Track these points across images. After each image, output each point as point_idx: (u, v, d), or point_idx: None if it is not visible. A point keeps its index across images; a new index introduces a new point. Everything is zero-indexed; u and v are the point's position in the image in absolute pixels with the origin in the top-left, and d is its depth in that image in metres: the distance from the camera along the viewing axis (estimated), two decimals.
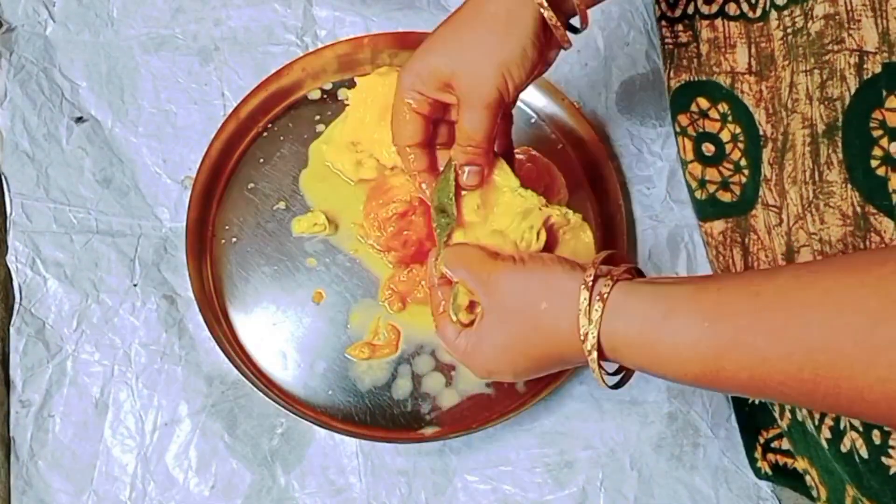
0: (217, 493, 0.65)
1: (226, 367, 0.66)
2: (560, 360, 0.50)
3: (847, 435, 0.50)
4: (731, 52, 0.64)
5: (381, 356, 0.67)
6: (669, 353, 0.44)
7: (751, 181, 0.64)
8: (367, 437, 0.65)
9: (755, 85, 0.62)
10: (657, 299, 0.45)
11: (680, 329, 0.43)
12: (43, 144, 0.72)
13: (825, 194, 0.53)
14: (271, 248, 0.70)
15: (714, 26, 0.65)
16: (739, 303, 0.42)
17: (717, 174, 0.67)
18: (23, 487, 0.64)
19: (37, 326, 0.67)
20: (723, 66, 0.64)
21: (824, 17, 0.53)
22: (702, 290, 0.44)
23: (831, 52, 0.53)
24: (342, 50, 0.74)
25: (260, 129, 0.73)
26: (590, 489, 0.67)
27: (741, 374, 0.41)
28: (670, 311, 0.44)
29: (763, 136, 0.62)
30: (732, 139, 0.65)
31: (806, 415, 0.55)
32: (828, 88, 0.53)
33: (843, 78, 0.52)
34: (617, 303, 0.46)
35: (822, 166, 0.53)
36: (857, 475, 0.50)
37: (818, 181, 0.53)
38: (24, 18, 0.75)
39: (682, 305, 0.44)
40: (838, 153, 0.52)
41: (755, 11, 0.61)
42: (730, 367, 0.42)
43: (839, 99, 0.52)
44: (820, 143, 0.53)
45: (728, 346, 0.41)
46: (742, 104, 0.64)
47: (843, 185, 0.52)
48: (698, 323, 0.43)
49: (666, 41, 0.69)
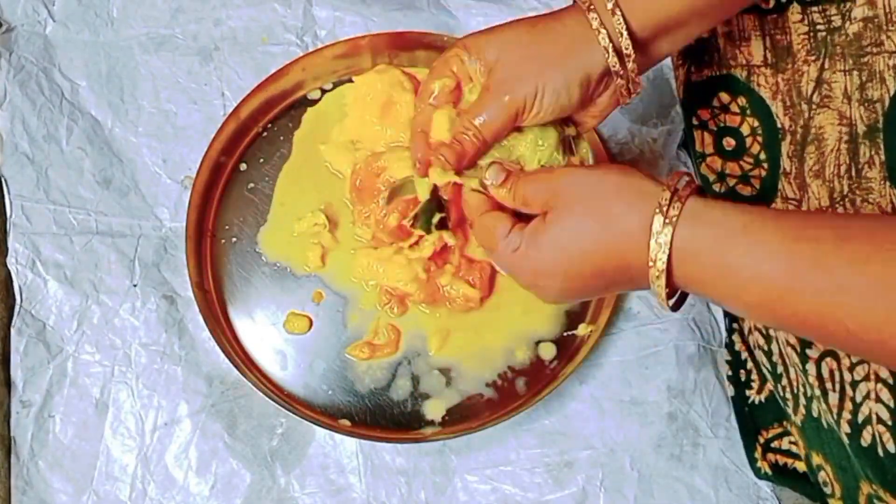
0: (217, 493, 0.66)
1: (226, 367, 0.66)
2: (620, 271, 0.48)
3: (868, 428, 0.50)
4: (745, 45, 0.64)
5: (381, 356, 0.67)
6: (741, 267, 0.43)
7: (770, 175, 0.64)
8: (367, 437, 0.65)
9: (771, 77, 0.63)
10: (737, 211, 0.44)
11: (758, 243, 0.42)
12: (42, 145, 0.72)
13: (863, 190, 0.54)
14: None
15: (728, 20, 0.65)
16: (824, 229, 0.41)
17: (737, 168, 0.67)
18: (23, 487, 0.65)
19: (37, 327, 0.68)
20: (738, 59, 0.64)
21: (863, 20, 0.54)
22: (785, 212, 0.44)
23: (870, 54, 0.53)
24: (342, 50, 0.74)
25: (260, 129, 0.73)
26: (590, 489, 0.67)
27: (806, 304, 0.41)
28: (751, 223, 0.43)
29: (781, 128, 0.62)
30: (752, 132, 0.66)
31: (825, 409, 0.55)
32: (867, 90, 0.54)
33: (882, 80, 0.53)
34: (695, 210, 0.44)
35: (861, 165, 0.54)
36: (881, 469, 0.49)
37: (855, 177, 0.54)
38: (23, 18, 0.75)
39: (764, 222, 0.43)
40: (881, 154, 0.53)
41: (768, 3, 0.61)
42: (800, 290, 0.41)
43: (879, 101, 0.53)
44: (860, 143, 0.54)
45: (806, 269, 0.41)
46: (759, 97, 0.64)
47: (881, 183, 0.53)
48: (778, 239, 0.42)
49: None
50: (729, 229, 0.43)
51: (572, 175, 0.50)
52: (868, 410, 0.50)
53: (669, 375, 0.70)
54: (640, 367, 0.70)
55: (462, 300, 0.66)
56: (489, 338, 0.68)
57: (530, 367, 0.67)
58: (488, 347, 0.67)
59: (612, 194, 0.47)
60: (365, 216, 0.65)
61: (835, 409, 0.54)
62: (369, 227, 0.66)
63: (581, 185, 0.49)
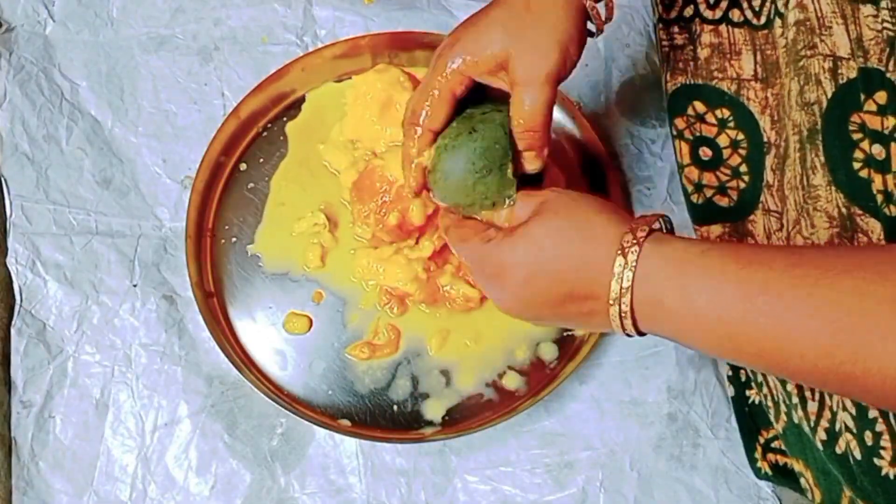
0: (217, 493, 0.66)
1: (226, 367, 0.66)
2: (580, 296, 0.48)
3: (842, 437, 0.50)
4: (736, 58, 0.64)
5: (381, 356, 0.67)
6: (699, 321, 0.44)
7: (750, 187, 0.64)
8: (367, 437, 0.65)
9: (761, 92, 0.63)
10: (695, 241, 0.46)
11: (714, 265, 0.43)
12: (42, 145, 0.72)
13: (812, 198, 0.54)
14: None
15: (718, 32, 0.65)
16: (777, 255, 0.43)
17: (714, 178, 0.67)
18: (24, 488, 0.65)
19: (37, 328, 0.68)
20: (728, 72, 0.64)
21: (796, 24, 0.54)
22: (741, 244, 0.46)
23: (805, 57, 0.53)
24: (342, 50, 0.74)
25: (260, 129, 0.73)
26: (590, 489, 0.67)
27: (763, 322, 0.41)
28: (708, 250, 0.44)
29: (767, 142, 0.62)
30: (732, 145, 0.66)
31: (802, 416, 0.55)
32: (805, 94, 0.54)
33: (818, 83, 0.53)
34: (655, 243, 0.46)
35: (808, 171, 0.54)
36: (852, 476, 0.50)
37: (806, 186, 0.54)
38: (23, 18, 0.75)
39: (720, 248, 0.44)
40: (821, 157, 0.53)
41: (759, 19, 0.61)
42: (753, 316, 0.42)
43: (816, 103, 0.53)
44: (805, 148, 0.54)
45: (756, 293, 0.42)
46: (747, 110, 0.64)
47: (827, 188, 0.53)
48: (732, 263, 0.43)
49: (662, 43, 0.69)
50: (689, 254, 0.44)
51: (561, 192, 0.52)
52: (840, 419, 0.51)
53: (669, 376, 0.70)
54: (640, 367, 0.70)
55: (462, 300, 0.66)
56: (489, 338, 0.68)
57: (530, 367, 0.67)
58: (488, 347, 0.67)
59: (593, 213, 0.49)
60: (364, 215, 0.65)
61: (813, 416, 0.54)
62: (369, 226, 0.66)
63: (568, 198, 0.50)
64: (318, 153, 0.72)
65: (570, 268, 0.47)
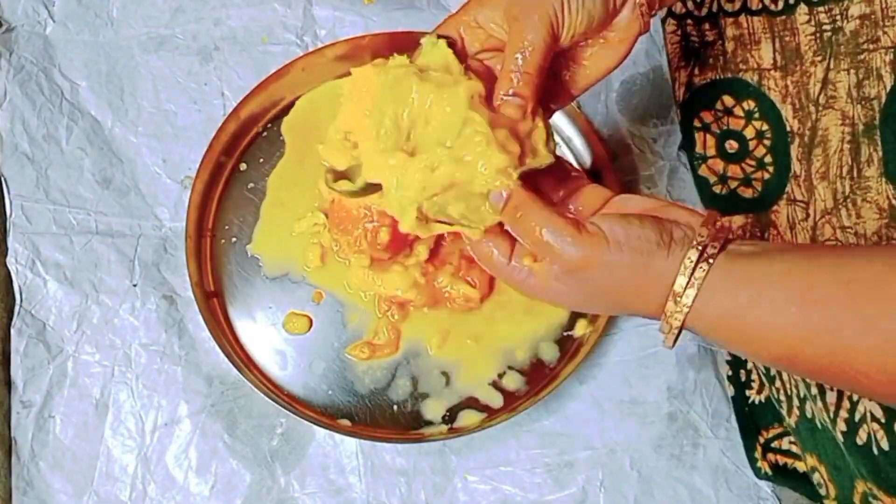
0: (217, 493, 0.66)
1: (226, 367, 0.66)
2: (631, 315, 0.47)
3: (864, 427, 0.50)
4: (756, 48, 0.64)
5: (380, 356, 0.67)
6: (754, 336, 0.42)
7: (775, 177, 0.64)
8: (367, 437, 0.65)
9: (780, 80, 0.63)
10: (743, 282, 0.42)
11: (768, 314, 0.41)
12: (42, 145, 0.72)
13: (862, 189, 0.54)
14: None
15: (738, 23, 0.65)
16: (831, 289, 0.40)
17: (739, 171, 0.67)
18: (24, 488, 0.65)
19: (37, 328, 0.68)
20: (749, 63, 0.65)
21: (860, 17, 0.54)
22: (792, 271, 0.41)
23: (867, 51, 0.53)
24: (342, 50, 0.74)
25: (260, 129, 0.73)
26: (590, 489, 0.67)
27: (822, 359, 0.40)
28: (758, 295, 0.41)
29: (790, 131, 0.62)
30: (757, 136, 0.66)
31: (821, 408, 0.55)
32: (864, 88, 0.54)
33: (879, 77, 0.53)
34: (705, 285, 0.43)
35: (861, 163, 0.54)
36: (875, 468, 0.49)
37: (856, 177, 0.54)
38: (23, 18, 0.75)
39: (771, 289, 0.41)
40: (878, 150, 0.53)
41: (777, 4, 0.61)
42: (813, 352, 0.40)
43: (876, 98, 0.53)
44: (861, 142, 0.54)
45: (815, 333, 0.40)
46: (769, 100, 0.64)
47: (878, 180, 0.53)
48: (786, 307, 0.40)
49: (692, 39, 0.69)
50: (738, 304, 0.42)
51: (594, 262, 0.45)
52: (864, 409, 0.50)
53: (669, 376, 0.70)
54: (640, 367, 0.70)
55: (462, 300, 0.66)
56: (489, 338, 0.68)
57: (530, 367, 0.67)
58: (488, 347, 0.67)
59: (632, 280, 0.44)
60: (356, 243, 0.64)
61: (832, 407, 0.54)
62: (364, 252, 0.65)
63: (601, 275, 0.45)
64: (316, 152, 0.71)
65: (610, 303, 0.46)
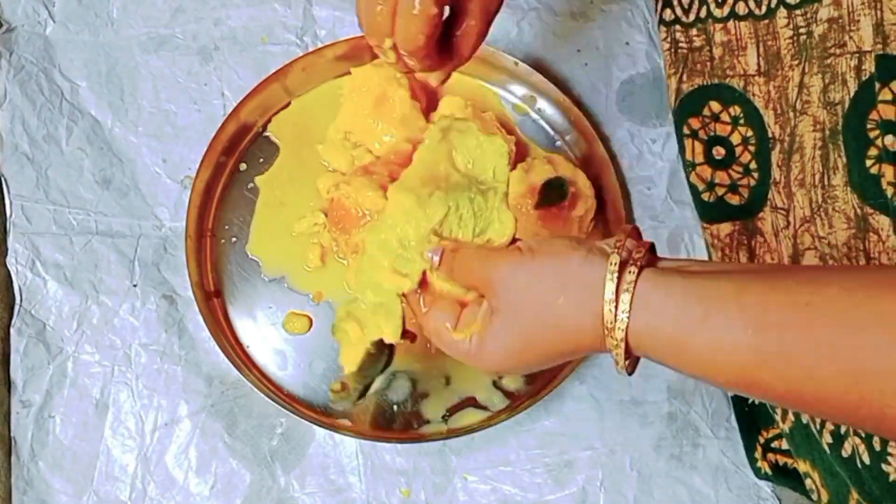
0: (217, 493, 0.66)
1: (226, 367, 0.66)
2: (576, 352, 0.46)
3: (848, 440, 0.50)
4: (742, 54, 0.64)
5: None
6: (705, 358, 0.40)
7: (759, 184, 0.64)
8: (367, 437, 0.65)
9: (764, 86, 0.63)
10: (692, 298, 0.40)
11: (719, 335, 0.39)
12: (42, 146, 0.72)
13: (831, 199, 0.53)
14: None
15: (727, 29, 0.65)
16: (787, 312, 0.37)
17: (726, 177, 0.67)
18: (23, 488, 0.65)
19: (37, 328, 0.68)
20: (736, 68, 0.65)
21: (828, 21, 0.53)
22: (744, 291, 0.39)
23: (833, 55, 0.53)
24: (342, 50, 0.74)
25: (260, 129, 0.73)
26: (590, 489, 0.67)
27: (780, 386, 0.38)
28: (708, 315, 0.39)
29: (772, 137, 0.62)
30: (743, 142, 0.66)
31: (810, 418, 0.55)
32: (830, 93, 0.53)
33: (844, 82, 0.52)
34: (646, 295, 0.41)
35: (829, 171, 0.53)
36: (859, 480, 0.50)
37: (826, 185, 0.54)
38: (23, 18, 0.75)
39: (723, 309, 0.39)
40: (842, 157, 0.53)
41: (761, 8, 0.61)
42: (769, 377, 0.38)
43: (840, 104, 0.53)
44: (829, 148, 0.54)
45: (772, 358, 0.37)
46: (753, 106, 0.64)
47: (844, 189, 0.52)
48: (741, 330, 0.38)
49: (680, 46, 0.69)
50: (687, 323, 0.40)
51: (510, 272, 0.45)
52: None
53: (669, 375, 0.70)
54: (640, 367, 0.70)
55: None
56: None
57: None
58: None
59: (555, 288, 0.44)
60: (354, 246, 0.64)
61: (818, 419, 0.53)
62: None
63: (520, 282, 0.45)
64: (312, 152, 0.72)
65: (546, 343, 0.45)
